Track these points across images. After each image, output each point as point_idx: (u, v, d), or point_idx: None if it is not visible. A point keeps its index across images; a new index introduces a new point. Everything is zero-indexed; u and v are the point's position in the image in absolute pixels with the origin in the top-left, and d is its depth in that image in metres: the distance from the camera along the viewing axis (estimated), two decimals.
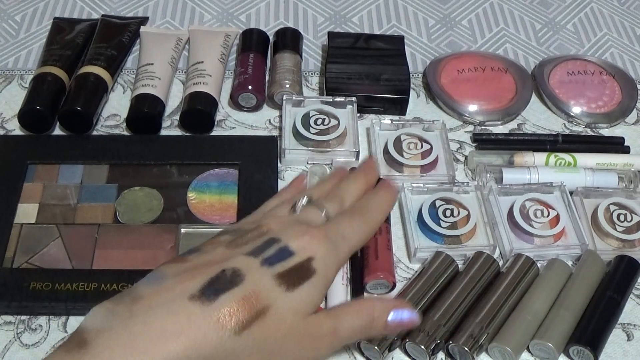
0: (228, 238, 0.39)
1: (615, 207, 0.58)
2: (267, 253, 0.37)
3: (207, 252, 0.38)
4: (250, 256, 0.37)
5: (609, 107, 0.68)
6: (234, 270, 0.35)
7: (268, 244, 0.37)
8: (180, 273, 0.36)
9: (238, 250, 0.37)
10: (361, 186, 0.44)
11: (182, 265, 0.37)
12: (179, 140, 0.62)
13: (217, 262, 0.36)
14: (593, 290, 0.52)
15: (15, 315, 0.50)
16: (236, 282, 0.35)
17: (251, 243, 0.38)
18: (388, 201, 0.44)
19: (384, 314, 0.40)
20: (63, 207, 0.56)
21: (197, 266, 0.36)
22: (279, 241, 0.37)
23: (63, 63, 0.64)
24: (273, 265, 0.36)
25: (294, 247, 0.37)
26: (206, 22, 0.76)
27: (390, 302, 0.41)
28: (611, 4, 0.82)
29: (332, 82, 0.66)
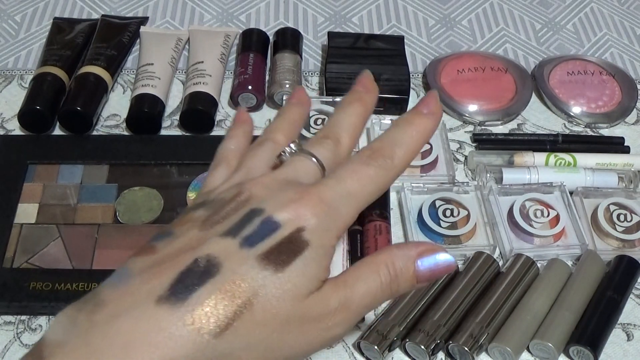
0: (203, 214, 0.31)
1: (615, 207, 0.58)
2: (248, 230, 0.29)
3: (178, 236, 0.31)
4: (227, 237, 0.29)
5: (609, 107, 0.68)
6: (209, 258, 0.28)
7: (248, 218, 0.30)
8: (147, 269, 0.29)
9: (213, 230, 0.30)
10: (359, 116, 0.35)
11: (151, 257, 0.30)
12: (179, 140, 0.62)
13: (188, 250, 0.29)
14: (593, 290, 0.52)
15: (15, 315, 0.50)
16: (211, 272, 0.28)
17: (229, 219, 0.30)
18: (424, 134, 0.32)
19: (409, 265, 0.31)
20: (63, 207, 0.56)
21: (165, 258, 0.29)
22: (262, 212, 0.30)
23: (63, 63, 0.64)
24: (255, 244, 0.29)
25: (280, 218, 0.29)
26: (206, 22, 0.76)
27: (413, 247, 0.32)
28: (611, 4, 0.82)
29: (332, 82, 0.66)
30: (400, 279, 0.31)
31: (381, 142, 0.32)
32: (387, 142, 0.32)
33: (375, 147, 0.32)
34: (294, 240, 0.29)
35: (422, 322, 0.49)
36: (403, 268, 0.31)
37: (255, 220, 0.30)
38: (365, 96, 0.35)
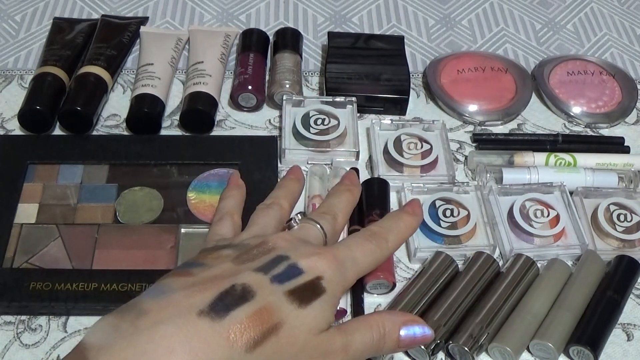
0: (232, 253, 0.38)
1: (615, 207, 0.58)
2: (277, 270, 0.36)
3: (213, 266, 0.36)
4: (259, 272, 0.35)
5: (609, 107, 0.68)
6: (244, 286, 0.34)
7: (276, 261, 0.36)
8: (188, 287, 0.34)
9: (246, 265, 0.36)
10: (349, 202, 0.45)
11: (188, 279, 0.35)
12: (179, 140, 0.62)
13: (225, 277, 0.35)
14: (593, 290, 0.52)
15: (15, 315, 0.50)
16: (247, 297, 0.34)
17: (259, 259, 0.36)
18: (409, 229, 0.42)
19: (394, 329, 0.39)
20: (63, 207, 0.56)
21: (204, 280, 0.35)
22: (288, 259, 0.36)
23: (63, 63, 0.64)
24: (283, 282, 0.35)
25: (303, 265, 0.36)
26: (206, 22, 0.76)
27: (401, 316, 0.40)
28: (611, 4, 0.82)
29: (332, 82, 0.66)
30: (386, 339, 0.38)
31: (380, 227, 0.41)
32: (384, 228, 0.41)
33: (375, 230, 0.41)
34: (315, 285, 0.36)
35: None
36: (390, 331, 0.38)
37: (283, 264, 0.36)
38: (354, 189, 0.46)
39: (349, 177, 0.48)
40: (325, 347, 0.36)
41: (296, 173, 0.48)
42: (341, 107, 0.64)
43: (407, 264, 0.55)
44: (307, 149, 0.61)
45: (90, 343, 0.32)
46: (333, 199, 0.44)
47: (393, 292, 0.53)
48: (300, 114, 0.63)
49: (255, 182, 0.58)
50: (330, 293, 0.36)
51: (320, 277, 0.36)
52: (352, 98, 0.64)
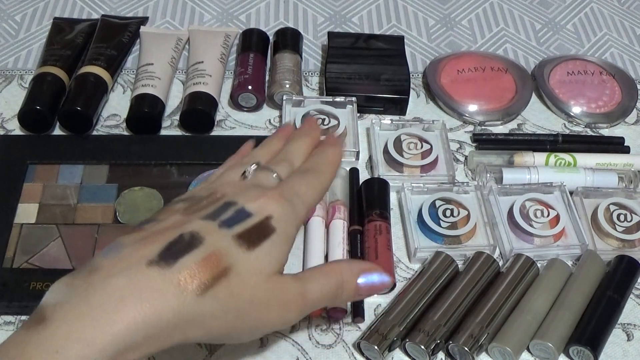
0: (182, 205, 0.38)
1: (615, 207, 0.58)
2: (225, 215, 0.36)
3: (163, 220, 0.37)
4: (207, 220, 0.36)
5: (609, 107, 0.68)
6: (192, 234, 0.35)
7: (225, 207, 0.37)
8: (138, 241, 0.35)
9: (195, 215, 0.37)
10: (307, 146, 0.44)
11: (139, 234, 0.36)
12: (179, 140, 0.62)
13: (174, 227, 0.36)
14: (593, 290, 0.52)
15: (15, 315, 0.50)
16: (195, 244, 0.34)
17: (207, 208, 0.37)
18: (335, 156, 0.44)
19: (352, 278, 0.39)
20: (63, 207, 0.56)
21: (154, 233, 0.36)
22: (236, 204, 0.37)
23: (63, 63, 0.64)
24: (231, 226, 0.36)
25: (251, 208, 0.37)
26: (206, 22, 0.76)
27: (359, 264, 0.40)
28: (611, 4, 0.82)
29: (332, 82, 0.66)
30: (344, 287, 0.39)
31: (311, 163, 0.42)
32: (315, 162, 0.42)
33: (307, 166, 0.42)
34: (264, 226, 0.36)
35: (422, 322, 0.49)
36: (348, 279, 0.39)
37: (230, 209, 0.36)
38: (312, 132, 0.45)
39: (308, 121, 0.48)
40: (280, 293, 0.36)
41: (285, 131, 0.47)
42: (341, 107, 0.64)
43: (407, 264, 0.55)
44: None
45: (47, 302, 0.33)
46: (291, 145, 0.44)
47: (393, 292, 0.53)
48: (300, 114, 0.63)
49: None
50: (281, 232, 0.37)
51: (270, 216, 0.37)
52: (352, 98, 0.64)
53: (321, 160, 0.43)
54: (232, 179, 0.41)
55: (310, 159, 0.43)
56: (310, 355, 0.49)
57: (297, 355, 0.49)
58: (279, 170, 0.41)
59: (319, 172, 0.42)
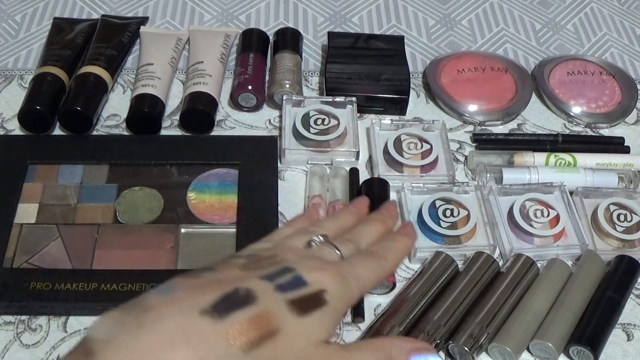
0: (242, 261, 0.39)
1: (615, 207, 0.58)
2: (281, 280, 0.36)
3: (221, 271, 0.38)
4: (264, 280, 0.36)
5: (609, 107, 0.68)
6: (248, 290, 0.35)
7: (282, 272, 0.37)
8: (193, 287, 0.35)
9: (252, 273, 0.37)
10: (379, 232, 0.44)
11: (195, 280, 0.36)
12: (179, 140, 0.62)
13: (231, 281, 0.36)
14: (593, 290, 0.52)
15: (15, 315, 0.50)
16: (249, 301, 0.35)
17: (266, 268, 0.37)
18: (406, 249, 0.43)
19: (401, 356, 0.38)
20: (63, 207, 0.56)
21: (210, 282, 0.36)
22: (293, 270, 0.37)
23: (63, 63, 0.64)
24: (286, 291, 0.36)
25: (308, 278, 0.37)
26: (206, 22, 0.76)
27: (410, 342, 0.39)
28: (611, 4, 0.82)
29: (332, 82, 0.66)
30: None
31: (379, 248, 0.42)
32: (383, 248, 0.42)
33: (374, 250, 0.42)
34: (317, 297, 0.36)
35: (422, 322, 0.49)
36: (396, 357, 0.38)
37: (288, 275, 0.37)
38: (388, 220, 0.45)
39: (387, 207, 0.47)
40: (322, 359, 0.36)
41: (359, 206, 0.47)
42: (341, 107, 0.64)
43: (407, 264, 0.55)
44: (307, 149, 0.61)
45: (95, 337, 0.33)
46: (362, 228, 0.44)
47: (393, 292, 0.53)
48: (300, 114, 0.63)
49: (255, 182, 0.58)
50: (331, 306, 0.37)
51: (324, 290, 0.37)
52: (352, 98, 0.64)
53: (390, 247, 0.43)
54: (296, 245, 0.42)
55: (379, 244, 0.43)
56: None
57: None
58: (343, 250, 0.41)
59: (383, 259, 0.42)
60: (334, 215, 0.47)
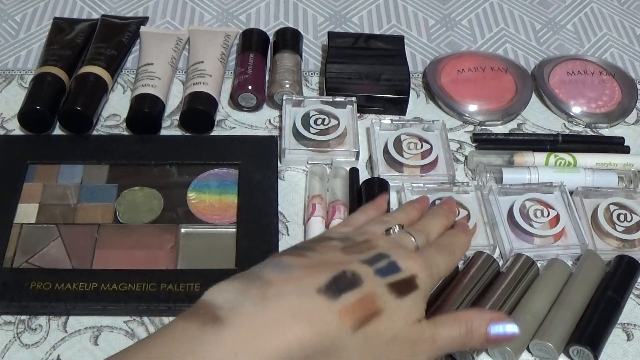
0: (339, 244, 0.42)
1: (615, 207, 0.58)
2: (380, 265, 0.40)
3: (324, 252, 0.41)
4: (365, 264, 0.40)
5: (609, 107, 0.68)
6: (354, 273, 0.39)
7: (379, 258, 0.41)
8: (306, 267, 0.39)
9: (353, 257, 0.40)
10: (443, 225, 0.48)
11: (303, 259, 0.40)
12: (179, 140, 0.62)
13: (337, 263, 0.39)
14: (593, 290, 0.52)
15: (15, 315, 0.50)
16: (356, 283, 0.38)
17: (364, 253, 0.41)
18: (467, 243, 0.48)
19: (482, 325, 0.42)
20: (63, 207, 0.56)
21: (319, 263, 0.39)
22: (389, 257, 0.41)
23: (63, 63, 0.64)
24: (385, 276, 0.40)
25: (402, 264, 0.41)
26: (206, 22, 0.76)
27: (490, 313, 0.43)
28: (611, 4, 0.82)
29: (332, 82, 0.66)
30: (473, 335, 0.42)
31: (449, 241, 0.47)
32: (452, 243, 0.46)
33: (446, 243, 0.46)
34: (411, 281, 0.40)
35: None
36: (477, 327, 0.42)
37: (384, 260, 0.41)
38: (450, 215, 0.50)
39: (448, 203, 0.51)
40: (415, 336, 0.40)
41: (423, 203, 0.51)
42: (341, 107, 0.64)
43: None
44: (307, 149, 0.61)
45: (220, 303, 0.36)
46: (430, 220, 0.48)
47: None
48: (300, 114, 0.63)
49: (255, 182, 0.58)
50: (422, 289, 0.41)
51: (415, 275, 0.41)
52: (352, 98, 0.64)
53: (455, 242, 0.47)
54: (378, 231, 0.45)
55: (445, 238, 0.47)
56: None
57: None
58: (418, 238, 0.45)
59: (452, 252, 0.46)
60: (401, 208, 0.51)
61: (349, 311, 0.37)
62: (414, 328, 0.40)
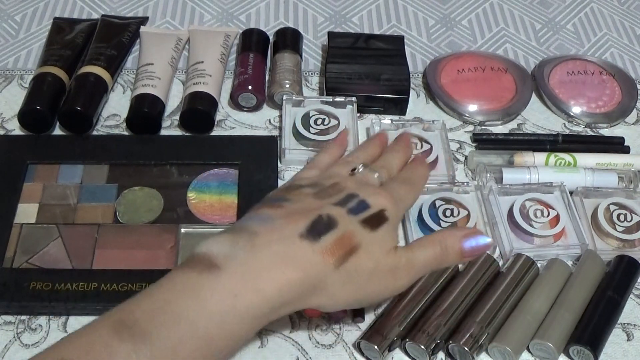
0: (311, 190, 0.46)
1: (615, 207, 0.58)
2: (350, 204, 0.44)
3: (299, 201, 0.44)
4: (338, 206, 0.43)
5: (609, 107, 0.68)
6: (329, 216, 0.42)
7: (349, 198, 0.44)
8: (285, 216, 0.42)
9: (326, 201, 0.44)
10: (402, 160, 0.53)
11: (281, 210, 0.43)
12: (179, 140, 0.62)
13: (313, 209, 0.43)
14: (593, 290, 0.52)
15: (15, 315, 0.50)
16: (332, 225, 0.42)
17: (335, 196, 0.45)
18: (426, 175, 0.53)
19: (455, 243, 0.45)
20: (63, 207, 0.56)
21: (296, 211, 0.43)
22: (358, 196, 0.45)
23: (63, 63, 0.65)
24: (357, 213, 0.43)
25: (370, 201, 0.44)
26: (206, 22, 0.76)
27: (462, 230, 0.47)
28: (611, 4, 0.82)
29: (332, 82, 0.66)
30: (449, 252, 0.45)
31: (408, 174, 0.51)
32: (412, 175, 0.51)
33: (405, 177, 0.51)
34: (380, 215, 0.44)
35: (422, 322, 0.49)
36: (451, 245, 0.45)
37: (354, 200, 0.44)
38: (407, 150, 0.55)
39: (404, 138, 0.56)
40: (393, 264, 0.43)
41: (381, 139, 0.55)
42: (341, 107, 0.64)
43: None
44: (307, 149, 0.61)
45: (214, 252, 0.39)
46: (390, 155, 0.53)
47: None
48: (300, 114, 0.63)
49: (255, 182, 0.58)
50: (391, 221, 0.45)
51: (384, 209, 0.45)
52: (352, 98, 0.64)
53: (415, 175, 0.51)
54: (343, 173, 0.49)
55: (406, 172, 0.52)
56: (310, 355, 0.49)
57: (297, 355, 0.49)
58: (381, 174, 0.49)
59: (414, 185, 0.50)
60: (362, 146, 0.55)
61: (330, 250, 0.41)
62: (390, 256, 0.43)
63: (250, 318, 0.38)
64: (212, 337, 0.37)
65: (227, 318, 0.38)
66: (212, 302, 0.37)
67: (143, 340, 0.36)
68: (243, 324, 0.38)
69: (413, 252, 0.45)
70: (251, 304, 0.38)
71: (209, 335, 0.37)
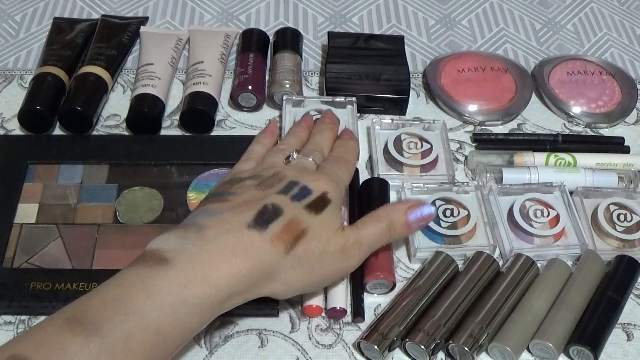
0: (253, 182, 0.47)
1: (615, 207, 0.58)
2: (293, 192, 0.45)
3: (243, 193, 0.46)
4: (281, 194, 0.45)
5: (609, 107, 0.68)
6: (274, 205, 0.44)
7: (291, 186, 0.46)
8: (231, 209, 0.44)
9: (269, 191, 0.46)
10: (331, 138, 0.56)
11: (227, 203, 0.45)
12: (179, 140, 0.62)
13: (257, 200, 0.44)
14: (593, 290, 0.52)
15: (15, 315, 0.50)
16: (278, 213, 0.43)
17: (277, 185, 0.46)
18: (356, 147, 0.56)
19: (400, 216, 0.47)
20: (63, 207, 0.56)
21: (241, 203, 0.44)
22: (299, 183, 0.46)
23: (63, 63, 0.65)
24: (300, 199, 0.45)
25: (311, 186, 0.46)
26: (206, 22, 0.76)
27: (405, 203, 0.49)
28: (611, 4, 0.82)
29: (332, 82, 0.66)
30: (395, 226, 0.47)
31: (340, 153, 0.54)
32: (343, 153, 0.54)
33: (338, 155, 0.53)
34: (323, 198, 0.46)
35: (422, 322, 0.49)
36: (397, 219, 0.48)
37: (296, 187, 0.46)
38: (334, 127, 0.58)
39: (328, 115, 0.58)
40: (342, 244, 0.45)
41: (308, 122, 0.58)
42: (341, 107, 0.64)
43: (407, 263, 0.55)
44: None
45: (164, 248, 0.41)
46: (319, 136, 0.55)
47: (393, 292, 0.53)
48: (300, 114, 0.63)
49: None
50: (334, 202, 0.46)
51: (326, 192, 0.46)
52: (352, 98, 0.64)
53: (346, 150, 0.54)
54: (279, 161, 0.51)
55: (337, 150, 0.54)
56: (310, 355, 0.49)
57: (297, 355, 0.49)
58: (315, 157, 0.51)
59: (347, 161, 0.52)
60: (291, 133, 0.57)
61: (278, 237, 0.42)
62: (338, 236, 0.45)
63: (201, 308, 0.39)
64: (163, 328, 0.38)
65: (178, 309, 0.39)
66: (161, 293, 0.38)
67: (95, 333, 0.37)
68: (194, 314, 0.39)
69: (360, 230, 0.46)
70: (201, 294, 0.39)
71: (159, 327, 0.38)
